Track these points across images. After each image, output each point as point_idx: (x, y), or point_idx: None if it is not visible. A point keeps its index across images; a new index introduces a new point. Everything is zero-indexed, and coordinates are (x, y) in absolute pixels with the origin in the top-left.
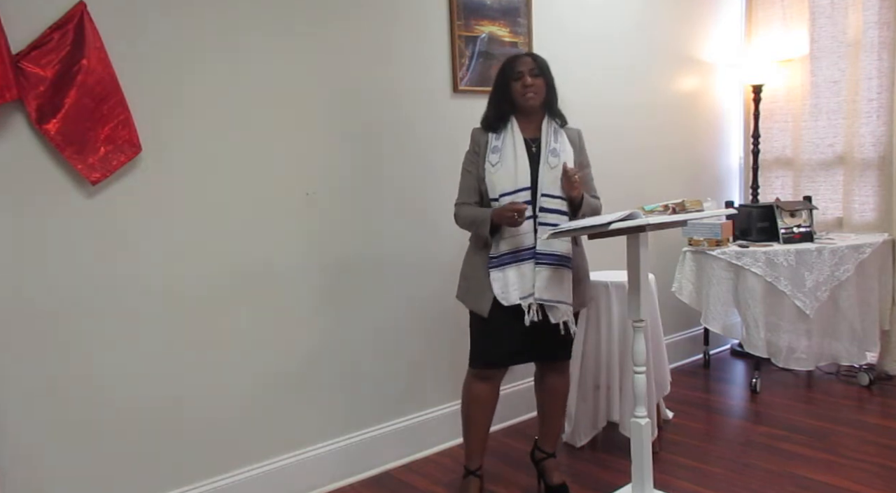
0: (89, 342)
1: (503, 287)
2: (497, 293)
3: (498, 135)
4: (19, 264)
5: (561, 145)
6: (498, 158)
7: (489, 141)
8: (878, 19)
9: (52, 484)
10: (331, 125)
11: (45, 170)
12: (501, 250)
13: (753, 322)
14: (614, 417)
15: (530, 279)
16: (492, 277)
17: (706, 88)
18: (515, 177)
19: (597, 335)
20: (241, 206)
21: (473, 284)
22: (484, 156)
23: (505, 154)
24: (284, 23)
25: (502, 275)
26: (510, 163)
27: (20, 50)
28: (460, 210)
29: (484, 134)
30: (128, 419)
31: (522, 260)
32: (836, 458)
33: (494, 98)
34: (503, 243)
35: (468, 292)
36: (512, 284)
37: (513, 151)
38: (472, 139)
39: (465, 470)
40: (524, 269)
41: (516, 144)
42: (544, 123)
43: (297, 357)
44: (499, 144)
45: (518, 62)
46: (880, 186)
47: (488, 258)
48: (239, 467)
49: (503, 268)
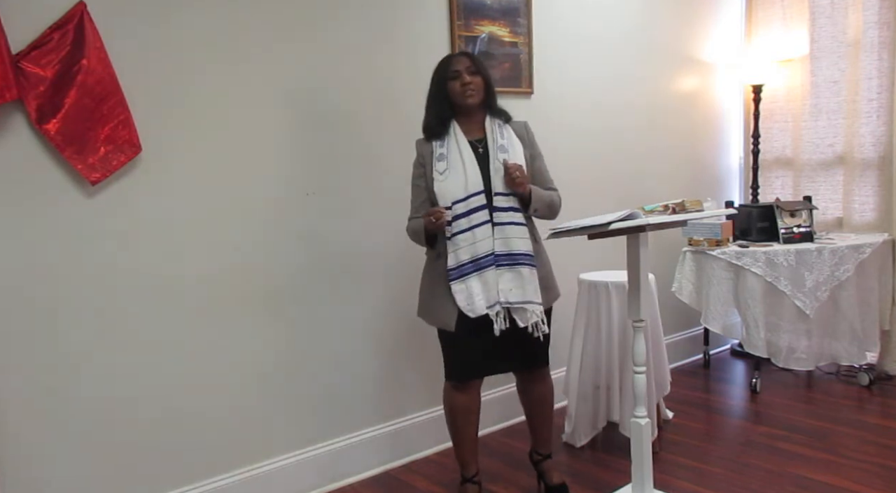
0: (89, 342)
1: (468, 298)
2: (462, 306)
3: (441, 141)
4: (19, 263)
5: (508, 141)
6: (445, 166)
7: (433, 149)
8: (878, 19)
9: (52, 484)
10: (331, 125)
11: (45, 170)
12: (461, 260)
13: (753, 322)
14: (614, 417)
15: (494, 286)
16: (454, 289)
17: (706, 88)
18: (466, 182)
19: (597, 335)
20: (241, 206)
21: (433, 299)
22: (431, 165)
23: (452, 160)
24: (284, 22)
25: (465, 286)
26: (459, 169)
27: (20, 50)
28: (408, 225)
29: (427, 143)
30: (127, 418)
31: (484, 267)
32: (836, 458)
33: (433, 103)
34: (461, 252)
35: (429, 309)
36: (476, 294)
37: (459, 155)
38: (417, 151)
39: (462, 478)
40: (487, 276)
41: (461, 149)
42: (487, 121)
43: (296, 357)
44: (444, 151)
45: (453, 61)
46: (880, 186)
47: (447, 270)
48: (239, 467)
49: (465, 279)
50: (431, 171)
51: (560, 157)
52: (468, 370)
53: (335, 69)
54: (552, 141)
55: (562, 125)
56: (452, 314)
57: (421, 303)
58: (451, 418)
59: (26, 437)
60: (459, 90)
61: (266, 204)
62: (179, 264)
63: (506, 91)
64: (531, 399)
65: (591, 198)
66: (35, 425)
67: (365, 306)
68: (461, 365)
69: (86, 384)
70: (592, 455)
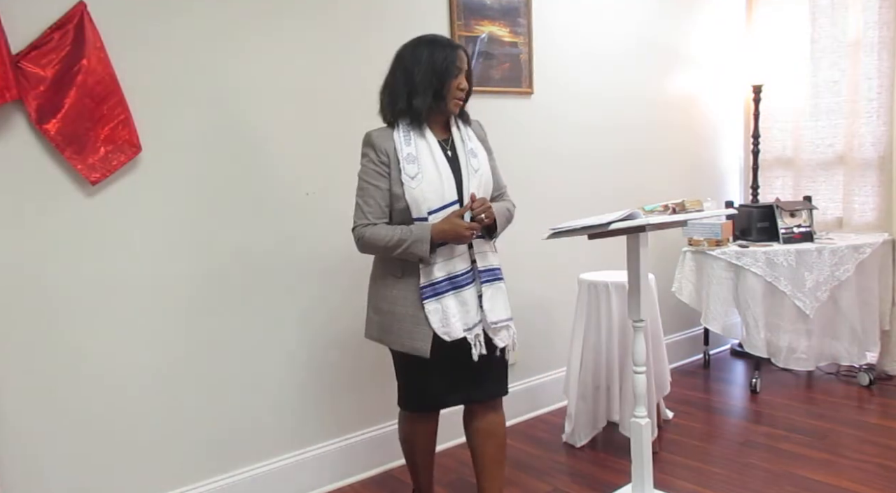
0: (89, 342)
1: (443, 320)
2: (437, 328)
3: (408, 138)
4: (19, 263)
5: (475, 145)
6: (417, 169)
7: (398, 147)
8: (878, 19)
9: (52, 484)
10: (331, 125)
11: (45, 170)
12: (436, 277)
13: (753, 322)
14: (614, 417)
15: (473, 306)
16: (428, 309)
17: (706, 88)
18: (442, 190)
19: (597, 335)
20: (241, 206)
21: (398, 320)
22: (397, 166)
23: (423, 163)
24: (284, 23)
25: (440, 306)
26: (432, 174)
27: (20, 50)
28: (372, 231)
29: (389, 138)
30: (127, 418)
31: (461, 286)
32: (836, 458)
33: (418, 88)
34: (436, 268)
35: (394, 332)
36: (453, 315)
37: (431, 158)
38: (374, 146)
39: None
40: (465, 295)
41: (433, 151)
42: (451, 120)
43: (296, 357)
44: (412, 152)
45: (461, 56)
46: (880, 186)
47: (419, 288)
48: (239, 467)
49: (440, 297)
50: (398, 173)
51: (560, 157)
52: (430, 400)
53: (335, 69)
54: (552, 141)
55: (561, 125)
56: (427, 338)
57: (379, 325)
58: (412, 449)
59: (26, 436)
60: (456, 94)
61: (266, 203)
62: (179, 264)
63: (506, 91)
64: (485, 433)
65: (591, 198)
66: (35, 424)
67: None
68: (427, 395)
69: (85, 384)
70: (592, 455)
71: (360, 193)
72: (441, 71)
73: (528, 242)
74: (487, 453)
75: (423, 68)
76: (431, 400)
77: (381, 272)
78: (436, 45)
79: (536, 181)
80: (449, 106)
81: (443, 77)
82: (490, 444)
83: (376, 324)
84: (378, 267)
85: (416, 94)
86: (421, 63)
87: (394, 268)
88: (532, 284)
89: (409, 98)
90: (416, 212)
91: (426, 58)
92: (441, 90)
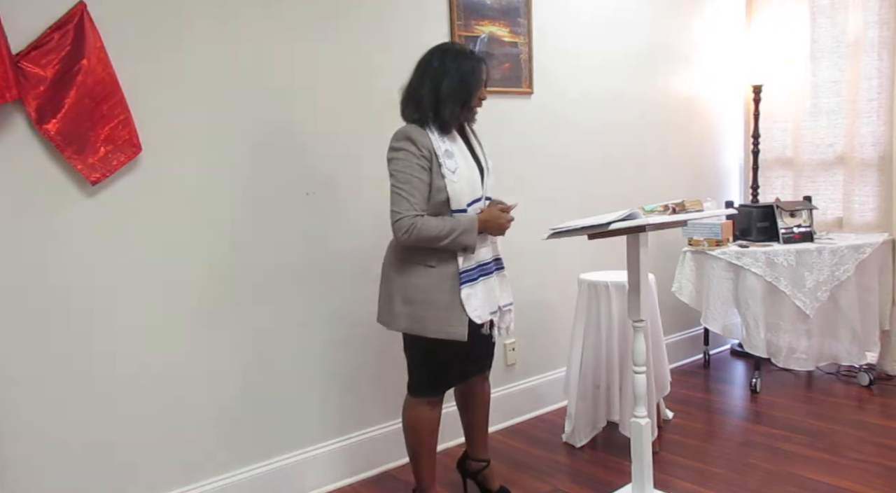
0: (89, 342)
1: (475, 304)
2: (472, 311)
3: (443, 137)
4: (19, 263)
5: (483, 146)
6: (455, 165)
7: (436, 143)
8: (878, 19)
9: (52, 484)
10: (331, 125)
11: (45, 170)
12: (471, 265)
13: (753, 322)
14: (614, 417)
15: (496, 291)
16: (465, 293)
17: (706, 88)
18: (474, 185)
19: (597, 335)
20: (241, 206)
21: (435, 308)
22: (437, 161)
23: (458, 160)
24: (284, 23)
25: (473, 291)
26: (465, 170)
27: (20, 50)
28: (423, 222)
29: (426, 135)
30: (127, 418)
31: (488, 273)
32: (836, 458)
33: (453, 96)
34: (474, 256)
35: (429, 319)
36: (483, 299)
37: (462, 156)
38: (415, 141)
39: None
40: (491, 282)
41: (462, 149)
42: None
43: (296, 356)
44: (449, 149)
45: (483, 68)
46: (880, 186)
47: (457, 275)
48: (239, 467)
49: (473, 284)
50: (439, 167)
51: (560, 156)
52: (448, 382)
53: (334, 69)
54: (552, 141)
55: (562, 125)
56: (463, 323)
57: (410, 315)
58: (420, 436)
59: (26, 436)
60: (477, 104)
61: (266, 203)
62: (179, 264)
63: (506, 91)
64: (478, 403)
65: (591, 198)
66: (35, 424)
67: (365, 306)
68: (446, 379)
69: (85, 383)
70: (592, 455)
71: (403, 186)
72: (469, 83)
73: (528, 243)
74: (480, 415)
75: (451, 81)
76: (446, 383)
77: (412, 264)
78: (463, 57)
79: (536, 181)
80: (470, 116)
81: (470, 89)
82: (483, 409)
83: (406, 315)
84: (406, 260)
85: (443, 104)
86: (449, 75)
87: (428, 259)
88: (532, 284)
89: (435, 107)
90: (455, 204)
91: (454, 70)
92: (469, 101)
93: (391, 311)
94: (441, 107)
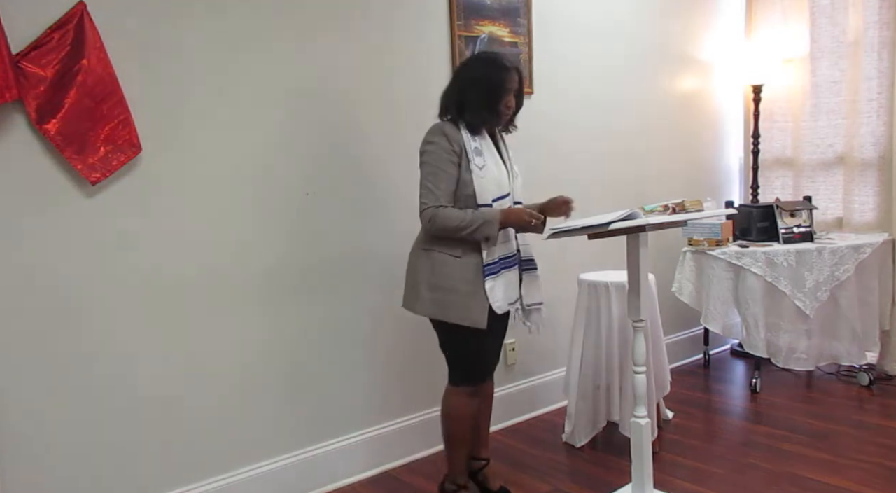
0: (89, 342)
1: (496, 295)
2: (494, 302)
3: (473, 136)
4: (19, 263)
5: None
6: (483, 162)
7: (466, 140)
8: (878, 19)
9: (52, 484)
10: (331, 125)
11: (45, 170)
12: (494, 258)
13: (753, 322)
14: (614, 417)
15: (515, 285)
16: (489, 285)
17: (706, 87)
18: (501, 182)
19: (597, 335)
20: (241, 206)
21: (459, 295)
22: (466, 157)
23: (487, 158)
24: (284, 23)
25: (495, 283)
26: (493, 168)
27: (20, 50)
28: (445, 212)
29: (458, 132)
30: (127, 418)
31: (509, 267)
32: (836, 458)
33: (484, 100)
34: (496, 250)
35: (453, 306)
36: (503, 291)
37: (491, 154)
38: (447, 136)
39: (457, 486)
40: (511, 276)
41: (492, 149)
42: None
43: (296, 357)
44: (479, 146)
45: (511, 77)
46: (880, 186)
47: (481, 267)
48: (239, 467)
49: (496, 276)
50: (468, 162)
51: (560, 157)
52: (482, 371)
53: (334, 69)
54: (552, 141)
55: (561, 125)
56: (484, 311)
57: (435, 301)
58: (457, 424)
59: (26, 436)
60: (503, 111)
61: (266, 203)
62: (179, 264)
63: None
64: (490, 396)
65: (591, 198)
66: (35, 424)
67: (366, 306)
68: (481, 367)
69: (85, 383)
70: (592, 455)
71: (430, 178)
72: (494, 90)
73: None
74: (486, 410)
75: (476, 86)
76: (480, 371)
77: (438, 253)
78: (494, 65)
79: (536, 181)
80: (499, 121)
81: (495, 96)
82: (489, 403)
83: (431, 301)
84: (432, 249)
85: (465, 108)
86: (475, 81)
87: (454, 249)
88: None
89: (464, 110)
90: (481, 199)
91: (481, 76)
92: (495, 107)
93: (417, 296)
94: (468, 110)
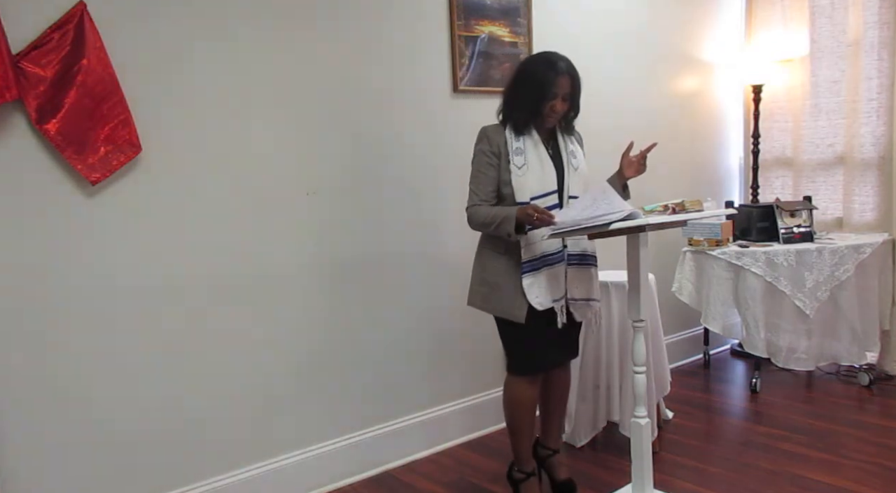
0: (89, 342)
1: (536, 292)
2: (533, 299)
3: (517, 137)
4: (19, 263)
5: (575, 148)
6: (523, 161)
7: (509, 141)
8: (878, 19)
9: (52, 485)
10: (331, 125)
11: (45, 170)
12: (535, 254)
13: (753, 322)
14: (614, 417)
15: (561, 282)
16: (526, 282)
17: (706, 88)
18: (544, 180)
19: (597, 335)
20: (241, 206)
21: (501, 290)
22: (506, 157)
23: (529, 157)
24: (284, 23)
25: (534, 280)
26: (536, 166)
27: (20, 50)
28: (477, 210)
29: (501, 133)
30: (127, 418)
31: (553, 263)
32: (836, 458)
33: (524, 101)
34: (535, 247)
35: (495, 300)
36: (546, 287)
37: (536, 154)
38: (488, 139)
39: (524, 474)
40: (556, 271)
41: (538, 147)
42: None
43: (296, 357)
44: (521, 146)
45: (558, 84)
46: (880, 186)
47: (521, 263)
48: (239, 467)
49: (536, 273)
50: (507, 163)
51: None
52: (541, 362)
53: (334, 69)
54: None
55: None
56: (523, 307)
57: (479, 293)
58: (516, 412)
59: (26, 437)
60: (547, 113)
61: (266, 203)
62: (180, 264)
63: None
64: (557, 390)
65: None
66: (35, 424)
67: (365, 307)
68: (534, 358)
69: (86, 384)
70: (592, 455)
71: (472, 180)
72: (540, 92)
73: None
74: (554, 403)
75: (526, 87)
76: (540, 361)
77: (488, 250)
78: (546, 67)
79: None
80: (545, 122)
81: (541, 98)
82: (559, 397)
83: (480, 294)
84: (485, 246)
85: (514, 107)
86: (526, 82)
87: (498, 246)
88: None
89: (509, 108)
90: (519, 196)
91: (531, 78)
92: (539, 109)
93: (472, 288)
94: (513, 111)
